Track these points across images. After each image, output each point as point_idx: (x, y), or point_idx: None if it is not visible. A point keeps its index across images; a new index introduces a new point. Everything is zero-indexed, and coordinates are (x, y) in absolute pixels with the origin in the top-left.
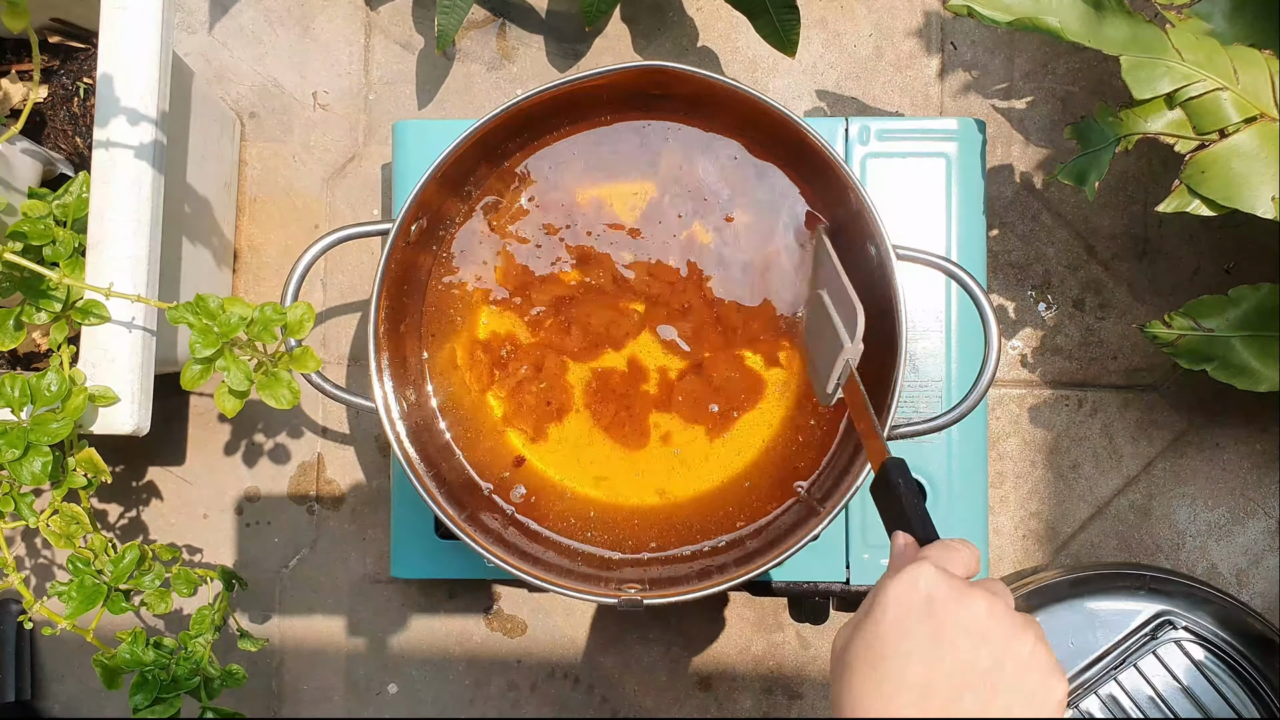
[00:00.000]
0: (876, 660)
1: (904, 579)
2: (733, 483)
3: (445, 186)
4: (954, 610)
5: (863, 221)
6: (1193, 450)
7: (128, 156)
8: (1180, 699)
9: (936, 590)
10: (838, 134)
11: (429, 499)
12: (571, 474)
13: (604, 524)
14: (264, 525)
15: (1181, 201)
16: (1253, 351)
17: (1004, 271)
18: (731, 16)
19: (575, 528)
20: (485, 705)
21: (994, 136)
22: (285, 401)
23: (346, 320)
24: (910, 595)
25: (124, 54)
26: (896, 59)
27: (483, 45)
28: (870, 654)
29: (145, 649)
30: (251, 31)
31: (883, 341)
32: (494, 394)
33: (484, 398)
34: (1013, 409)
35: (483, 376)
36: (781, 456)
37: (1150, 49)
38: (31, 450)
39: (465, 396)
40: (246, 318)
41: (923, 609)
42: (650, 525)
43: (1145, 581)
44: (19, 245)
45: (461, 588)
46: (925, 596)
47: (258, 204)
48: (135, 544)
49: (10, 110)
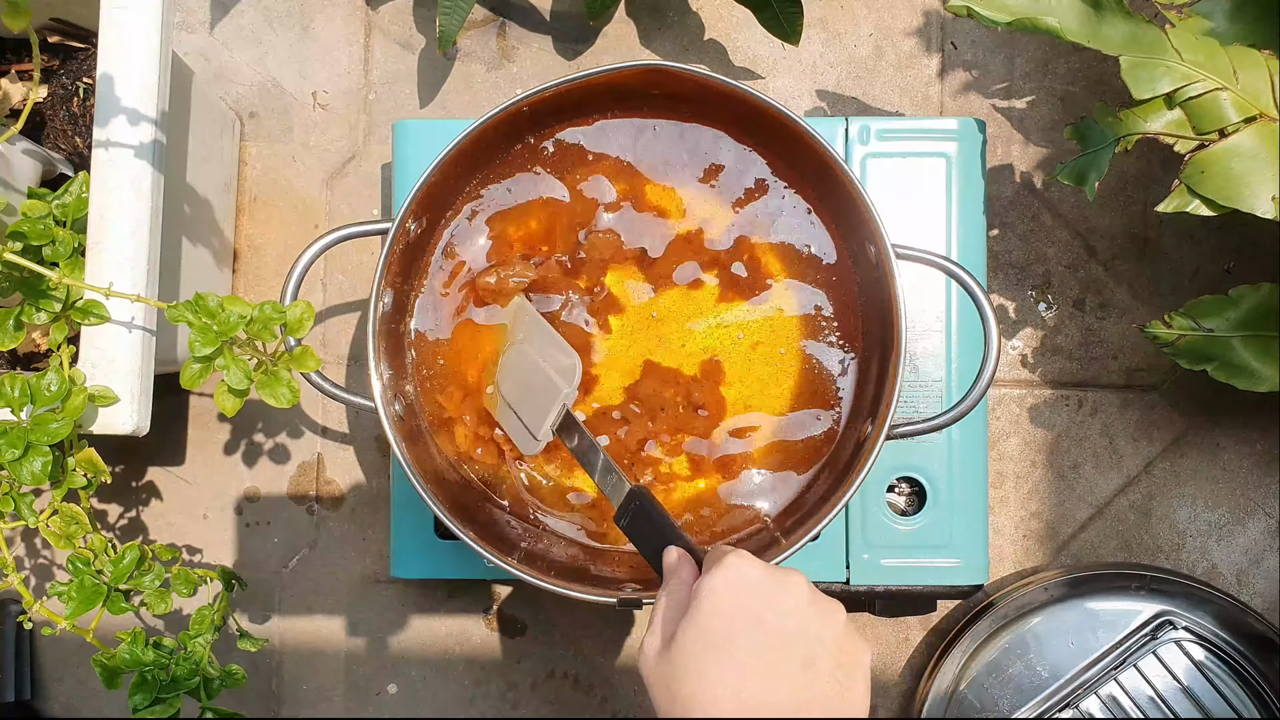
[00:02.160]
0: (716, 645)
1: (722, 573)
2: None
3: (445, 186)
4: (780, 590)
5: (863, 221)
6: (1193, 450)
7: (127, 156)
8: (1180, 699)
9: (759, 575)
10: (838, 134)
11: (428, 499)
12: (570, 474)
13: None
14: (264, 525)
15: (1181, 201)
16: (1253, 351)
17: (1004, 271)
18: (732, 16)
19: (575, 527)
20: (485, 705)
21: (994, 136)
22: (285, 400)
23: (346, 320)
24: (734, 585)
25: (124, 54)
26: (896, 59)
27: (483, 45)
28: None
29: (145, 649)
30: (251, 31)
31: (883, 341)
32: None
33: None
34: (1013, 409)
35: (482, 377)
36: (781, 458)
37: (1150, 49)
38: (31, 450)
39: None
40: (246, 316)
41: (751, 593)
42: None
43: (1145, 582)
44: (19, 245)
45: (461, 588)
46: (751, 582)
47: (257, 204)
48: (135, 544)
49: (10, 110)
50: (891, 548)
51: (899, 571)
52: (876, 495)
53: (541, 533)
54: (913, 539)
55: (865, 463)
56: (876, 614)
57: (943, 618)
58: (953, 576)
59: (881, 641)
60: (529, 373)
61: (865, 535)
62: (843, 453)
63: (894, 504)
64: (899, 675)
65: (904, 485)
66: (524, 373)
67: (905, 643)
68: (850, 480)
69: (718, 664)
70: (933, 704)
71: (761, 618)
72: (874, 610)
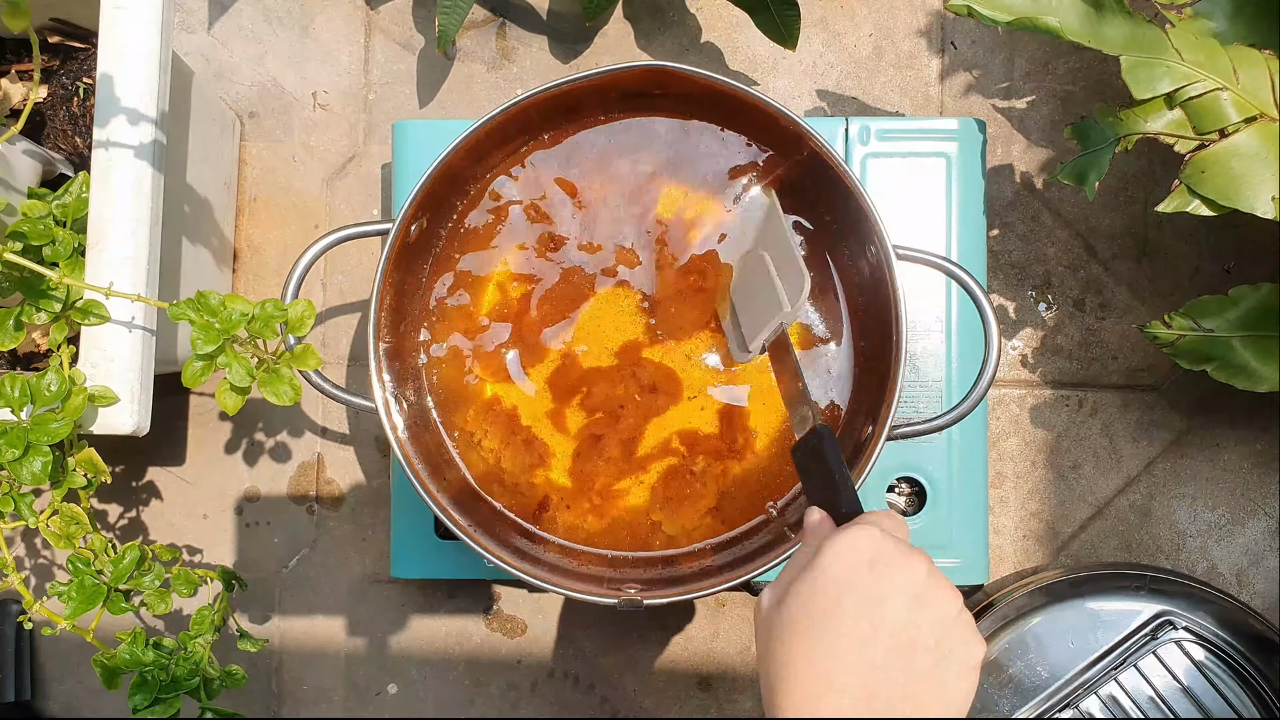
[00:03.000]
0: (818, 615)
1: (846, 540)
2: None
3: (445, 186)
4: (896, 571)
5: (863, 221)
6: (1193, 450)
7: (127, 156)
8: (1180, 699)
9: (881, 551)
10: (838, 134)
11: (429, 499)
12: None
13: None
14: (264, 525)
15: (1181, 201)
16: (1253, 351)
17: (1004, 271)
18: (732, 16)
19: (574, 527)
20: (485, 705)
21: (994, 136)
22: (286, 398)
23: (346, 320)
24: (853, 555)
25: (124, 54)
26: (897, 59)
27: (483, 45)
28: (812, 609)
29: (145, 649)
30: (251, 31)
31: (883, 342)
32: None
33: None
34: (1013, 409)
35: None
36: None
37: (1150, 49)
38: (31, 450)
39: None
40: (247, 314)
41: (867, 568)
42: (650, 525)
43: (1145, 582)
44: (19, 245)
45: (461, 588)
46: (869, 557)
47: (258, 204)
48: (135, 544)
49: (10, 110)
50: None
51: None
52: (876, 495)
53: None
54: (913, 539)
55: (866, 463)
56: None
57: None
58: (953, 576)
59: None
60: (761, 280)
61: None
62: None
63: (894, 504)
64: None
65: (904, 485)
66: (757, 279)
67: None
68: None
69: (812, 635)
70: None
71: (868, 596)
72: None
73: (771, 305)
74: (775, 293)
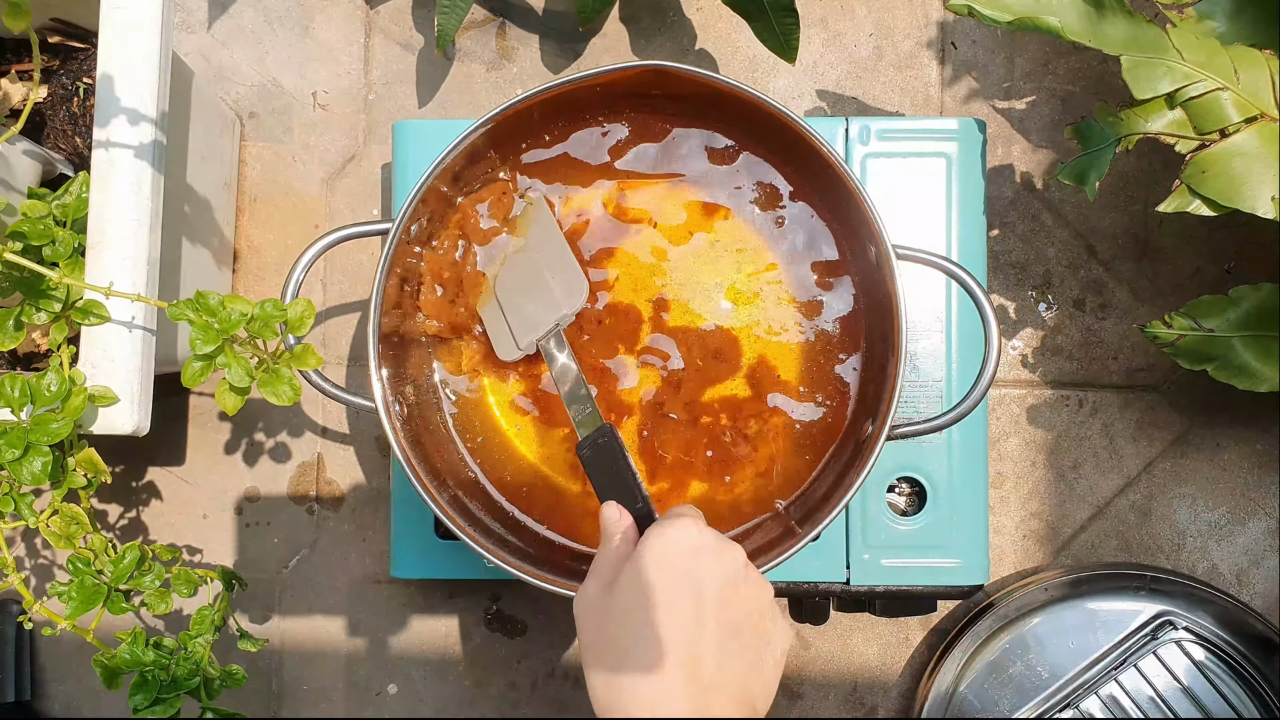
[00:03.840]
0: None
1: (670, 531)
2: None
3: (445, 186)
4: (715, 559)
5: (863, 221)
6: (1193, 450)
7: (127, 156)
8: (1180, 699)
9: (703, 541)
10: (838, 134)
11: (429, 499)
12: (569, 474)
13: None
14: (264, 525)
15: (1182, 201)
16: (1253, 351)
17: (1004, 271)
18: (732, 17)
19: (575, 527)
20: (485, 705)
21: (994, 136)
22: (286, 398)
23: (346, 320)
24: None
25: (124, 54)
26: (896, 59)
27: (482, 45)
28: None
29: (145, 649)
30: (251, 31)
31: (883, 341)
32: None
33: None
34: (1013, 409)
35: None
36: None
37: (1151, 49)
38: (31, 450)
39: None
40: (247, 314)
41: (692, 555)
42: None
43: (1146, 582)
44: (19, 245)
45: (461, 588)
46: (694, 546)
47: (257, 204)
48: (135, 544)
49: (10, 110)
50: (892, 548)
51: (899, 572)
52: (877, 495)
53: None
54: (913, 539)
55: (866, 463)
56: (876, 614)
57: (943, 618)
58: (953, 576)
59: (881, 641)
60: (532, 280)
61: (865, 535)
62: (843, 453)
63: (894, 504)
64: (899, 675)
65: (904, 485)
66: (526, 278)
67: (905, 643)
68: (851, 480)
69: (650, 612)
70: (933, 704)
71: (701, 579)
72: (874, 610)
73: (548, 305)
74: (551, 293)
